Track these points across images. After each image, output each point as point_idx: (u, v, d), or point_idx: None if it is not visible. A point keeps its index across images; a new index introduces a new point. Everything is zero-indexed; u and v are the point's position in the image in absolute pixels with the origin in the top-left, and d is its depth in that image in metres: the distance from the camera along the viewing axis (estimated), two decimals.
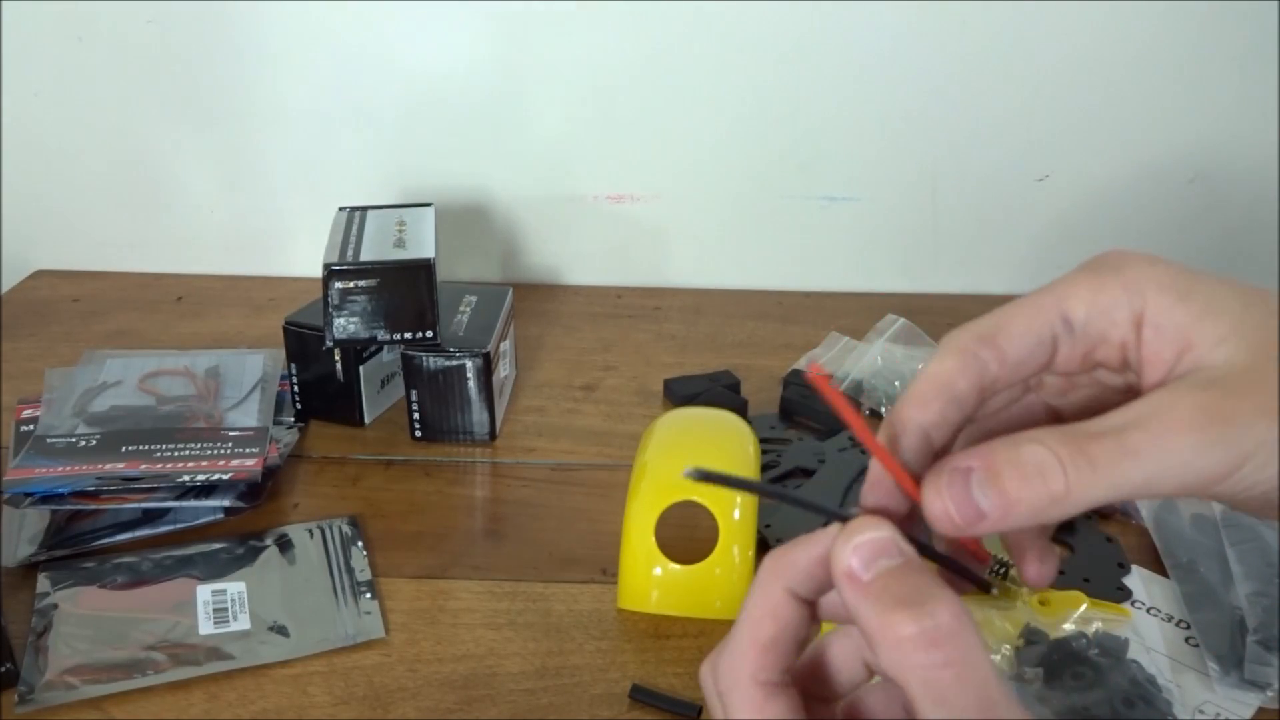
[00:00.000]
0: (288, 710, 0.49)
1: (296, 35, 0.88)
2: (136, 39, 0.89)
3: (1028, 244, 0.95)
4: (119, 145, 0.93)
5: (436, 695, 0.50)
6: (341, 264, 0.66)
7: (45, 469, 0.60)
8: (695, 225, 0.95)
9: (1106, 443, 0.25)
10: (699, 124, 0.91)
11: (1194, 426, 0.25)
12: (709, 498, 0.53)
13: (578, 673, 0.51)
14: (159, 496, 0.60)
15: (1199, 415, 0.25)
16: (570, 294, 0.95)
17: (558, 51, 0.89)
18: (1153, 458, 0.25)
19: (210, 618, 0.54)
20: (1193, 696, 0.49)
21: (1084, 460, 0.25)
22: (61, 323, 0.88)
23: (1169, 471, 0.25)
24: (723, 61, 0.89)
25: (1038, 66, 0.88)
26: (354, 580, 0.57)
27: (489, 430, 0.70)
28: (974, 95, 0.89)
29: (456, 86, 0.90)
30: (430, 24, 0.88)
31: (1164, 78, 0.88)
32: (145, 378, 0.72)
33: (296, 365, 0.71)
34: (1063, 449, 0.25)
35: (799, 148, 0.92)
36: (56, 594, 0.54)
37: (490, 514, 0.65)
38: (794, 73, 0.89)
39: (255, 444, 0.64)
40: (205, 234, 0.97)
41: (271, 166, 0.94)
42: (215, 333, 0.86)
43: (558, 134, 0.92)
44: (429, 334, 0.67)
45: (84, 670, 0.50)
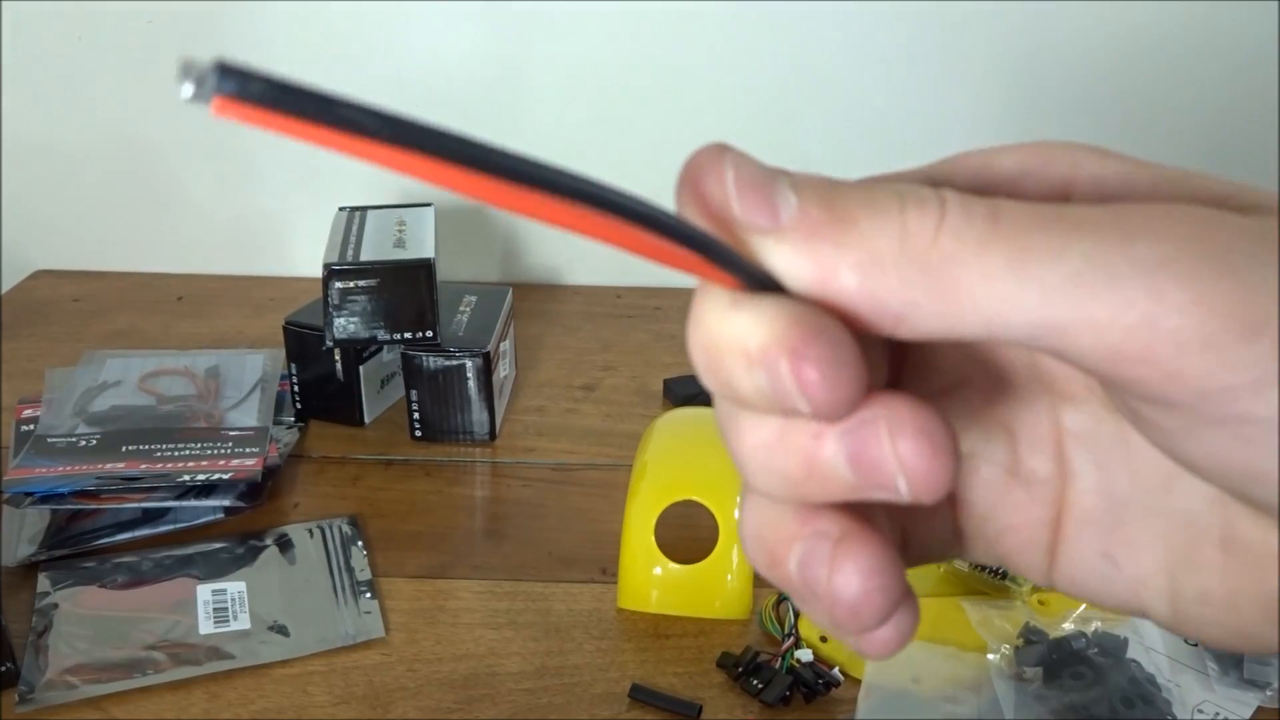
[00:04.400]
0: (288, 710, 0.49)
1: (296, 35, 0.89)
2: (136, 39, 0.89)
3: None
4: (119, 145, 0.93)
5: (436, 695, 0.50)
6: (341, 264, 0.66)
7: (45, 469, 0.60)
8: None
9: (1035, 207, 0.16)
10: (699, 124, 0.91)
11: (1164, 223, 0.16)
12: (709, 497, 0.53)
13: (578, 672, 0.51)
14: (159, 496, 0.60)
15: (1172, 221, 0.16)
16: (570, 294, 0.95)
17: (558, 51, 0.89)
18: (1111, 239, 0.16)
19: (210, 617, 0.54)
20: (1192, 696, 0.49)
21: (983, 208, 0.16)
22: (62, 323, 0.88)
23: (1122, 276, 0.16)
24: (722, 61, 0.89)
25: (1038, 66, 0.88)
26: (354, 580, 0.57)
27: (489, 430, 0.70)
28: (974, 95, 0.89)
29: (456, 86, 0.90)
30: (430, 23, 0.88)
31: (1164, 78, 0.88)
32: (145, 378, 0.72)
33: (296, 365, 0.71)
34: (949, 189, 0.17)
35: (799, 148, 0.92)
36: (57, 593, 0.54)
37: (490, 514, 0.65)
38: (794, 73, 0.89)
39: (255, 444, 0.64)
40: (205, 234, 0.97)
41: (271, 166, 0.94)
42: (215, 333, 0.86)
43: (558, 133, 0.92)
44: (429, 334, 0.67)
45: (84, 670, 0.50)
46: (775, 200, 0.17)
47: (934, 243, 0.16)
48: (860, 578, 0.18)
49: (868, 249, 0.16)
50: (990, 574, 0.53)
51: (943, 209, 0.16)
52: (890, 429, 0.17)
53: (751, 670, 0.50)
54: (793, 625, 0.51)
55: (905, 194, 0.17)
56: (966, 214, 0.16)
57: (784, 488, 0.18)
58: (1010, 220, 0.16)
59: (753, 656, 0.51)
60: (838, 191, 0.17)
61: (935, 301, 0.16)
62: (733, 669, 0.50)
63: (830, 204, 0.17)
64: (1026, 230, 0.16)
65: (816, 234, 0.16)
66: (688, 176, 0.17)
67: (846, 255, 0.16)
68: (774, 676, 0.49)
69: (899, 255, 0.16)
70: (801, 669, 0.50)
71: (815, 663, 0.50)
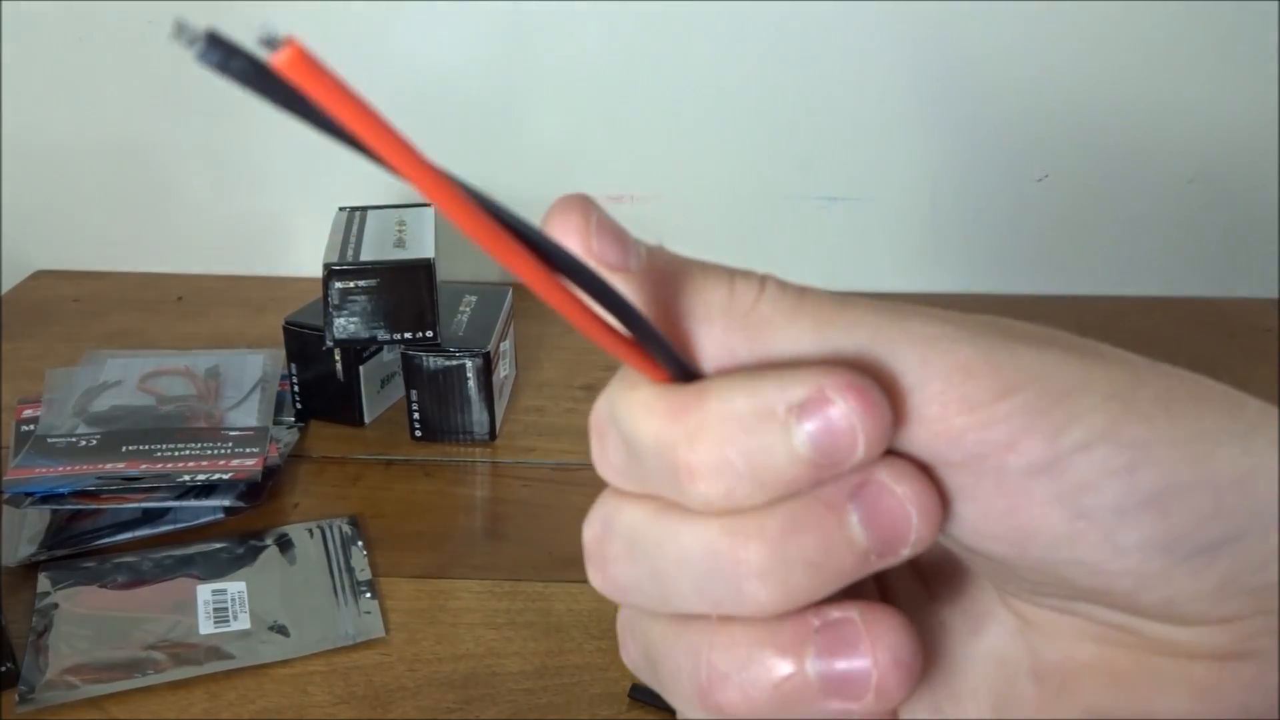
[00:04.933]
0: (288, 710, 0.49)
1: (297, 35, 0.88)
2: (137, 39, 0.89)
3: (1028, 244, 0.95)
4: (119, 145, 0.93)
5: (436, 695, 0.50)
6: (341, 264, 0.66)
7: (46, 469, 0.60)
8: (695, 225, 0.95)
9: (833, 294, 0.20)
10: (699, 124, 0.91)
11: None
12: None
13: (577, 672, 0.51)
14: (159, 496, 0.60)
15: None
16: None
17: (558, 51, 0.89)
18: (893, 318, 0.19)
19: (210, 617, 0.54)
20: None
21: (794, 287, 0.20)
22: (62, 323, 0.88)
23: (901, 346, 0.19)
24: (723, 61, 0.89)
25: (1038, 66, 0.88)
26: (354, 580, 0.57)
27: (489, 430, 0.70)
28: (974, 95, 0.89)
29: (457, 86, 0.90)
30: (431, 24, 0.88)
31: (1164, 77, 0.88)
32: (145, 378, 0.72)
33: (296, 365, 0.71)
34: (756, 273, 0.20)
35: (799, 147, 0.92)
36: (57, 593, 0.55)
37: (490, 514, 0.65)
38: (794, 73, 0.89)
39: (255, 444, 0.64)
40: (205, 234, 0.97)
41: (271, 166, 0.94)
42: (215, 333, 0.86)
43: (558, 134, 0.92)
44: (429, 334, 0.67)
45: (84, 670, 0.50)
46: (627, 246, 0.19)
47: (754, 307, 0.19)
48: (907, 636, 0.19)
49: (700, 302, 0.19)
50: None
51: (763, 282, 0.20)
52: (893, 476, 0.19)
53: None
54: None
55: (735, 269, 0.20)
56: (782, 289, 0.19)
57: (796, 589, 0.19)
58: (815, 298, 0.19)
59: None
60: (680, 259, 0.20)
61: (749, 354, 0.19)
62: None
63: (673, 265, 0.20)
64: (827, 307, 0.19)
65: (660, 284, 0.19)
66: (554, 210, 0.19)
67: (681, 304, 0.19)
68: None
69: (725, 312, 0.19)
70: None
71: None
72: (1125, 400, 0.18)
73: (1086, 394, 0.18)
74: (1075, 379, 0.18)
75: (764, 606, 0.19)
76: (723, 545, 0.19)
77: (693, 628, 0.20)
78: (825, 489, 0.18)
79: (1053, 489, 0.18)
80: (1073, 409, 0.18)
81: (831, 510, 0.18)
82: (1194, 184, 0.92)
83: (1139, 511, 0.18)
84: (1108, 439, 0.18)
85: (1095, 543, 0.18)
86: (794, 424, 0.18)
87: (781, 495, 0.18)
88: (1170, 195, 0.92)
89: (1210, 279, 0.95)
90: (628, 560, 0.21)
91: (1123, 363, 0.19)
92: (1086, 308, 0.93)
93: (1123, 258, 0.95)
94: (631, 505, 0.21)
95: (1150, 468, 0.18)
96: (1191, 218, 0.93)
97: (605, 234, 0.19)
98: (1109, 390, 0.18)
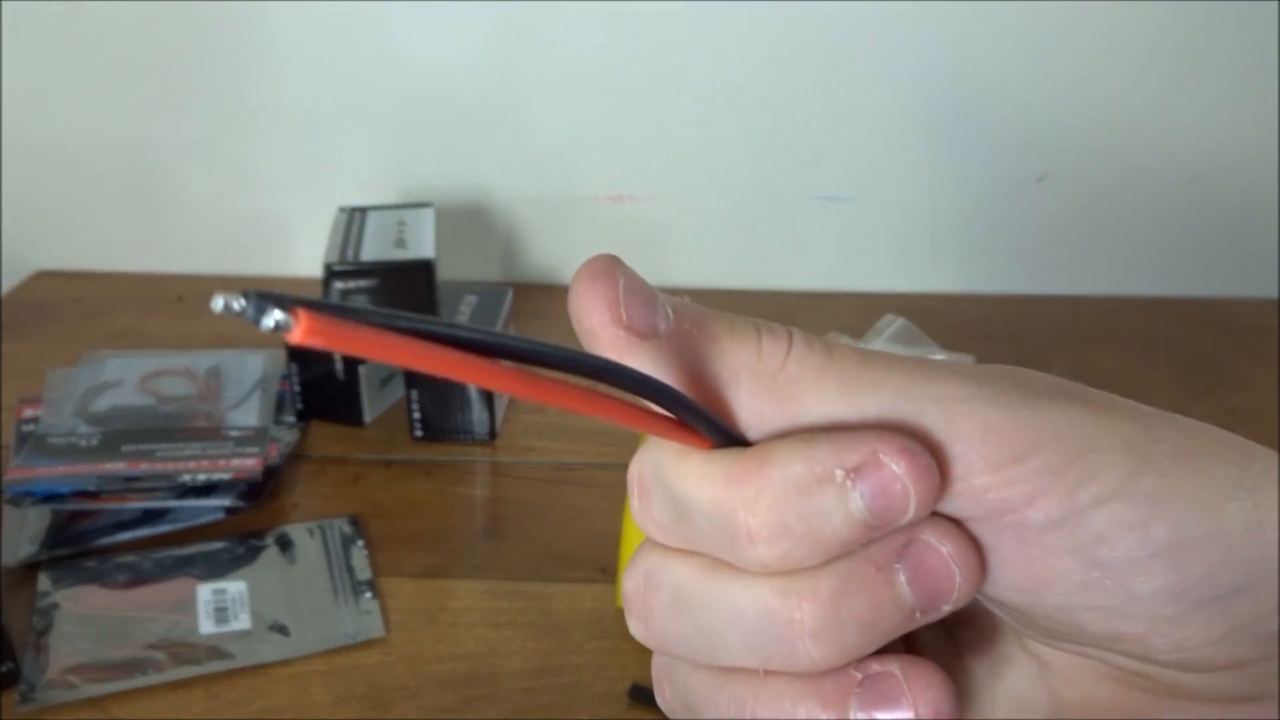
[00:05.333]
0: (288, 710, 0.49)
1: (297, 35, 0.89)
2: (137, 39, 0.89)
3: (1027, 244, 0.95)
4: (119, 145, 0.93)
5: (436, 694, 0.50)
6: (342, 264, 0.66)
7: (46, 468, 0.60)
8: (695, 225, 0.95)
9: (860, 350, 0.20)
10: (699, 124, 0.91)
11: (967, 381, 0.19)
12: None
13: (577, 672, 0.51)
14: (160, 496, 0.60)
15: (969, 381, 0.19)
16: None
17: (558, 51, 0.89)
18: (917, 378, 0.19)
19: (211, 617, 0.54)
20: None
21: (821, 345, 0.20)
22: (62, 323, 0.88)
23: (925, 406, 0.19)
24: (722, 61, 0.89)
25: (1037, 66, 0.88)
26: (354, 580, 0.57)
27: (489, 430, 0.70)
28: (973, 95, 0.89)
29: (457, 86, 0.90)
30: (431, 23, 0.88)
31: (1163, 77, 0.88)
32: (146, 378, 0.72)
33: (297, 365, 0.71)
34: (796, 328, 0.20)
35: (799, 147, 0.92)
36: (57, 593, 0.55)
37: (490, 514, 0.65)
38: (794, 72, 0.89)
39: (255, 444, 0.64)
40: (205, 234, 0.97)
41: (271, 166, 0.94)
42: (215, 333, 0.86)
43: (557, 134, 0.92)
44: None
45: (85, 669, 0.50)
46: (656, 312, 0.19)
47: (782, 367, 0.19)
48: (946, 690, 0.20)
49: (728, 365, 0.19)
50: None
51: (790, 340, 0.20)
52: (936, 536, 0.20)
53: None
54: None
55: (761, 324, 0.20)
56: (809, 347, 0.20)
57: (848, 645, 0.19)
58: (842, 356, 0.20)
59: None
60: (707, 315, 0.20)
61: (778, 414, 0.19)
62: None
63: (701, 323, 0.20)
64: (853, 366, 0.19)
65: (688, 346, 0.19)
66: (583, 277, 0.20)
67: (708, 367, 0.19)
68: None
69: (753, 373, 0.19)
70: None
71: None
72: (1139, 455, 0.19)
73: (1102, 451, 0.19)
74: (1091, 436, 0.19)
75: (816, 664, 0.19)
76: (776, 605, 0.19)
77: (736, 679, 0.20)
78: (873, 549, 0.19)
79: (1069, 542, 0.19)
80: (1089, 467, 0.19)
81: (881, 570, 0.19)
82: (1194, 184, 0.92)
83: (1152, 562, 0.19)
84: (1122, 495, 0.19)
85: (1110, 590, 0.19)
86: (850, 488, 0.18)
87: (834, 556, 0.19)
88: (1170, 195, 0.92)
89: (1210, 279, 0.95)
90: (674, 615, 0.21)
91: (1136, 416, 0.20)
92: (1086, 308, 0.93)
93: (1122, 258, 0.95)
94: (677, 561, 0.21)
95: (1163, 522, 0.19)
96: (1191, 218, 0.93)
97: (634, 299, 0.19)
98: (1123, 446, 0.19)
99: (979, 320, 0.90)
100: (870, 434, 0.19)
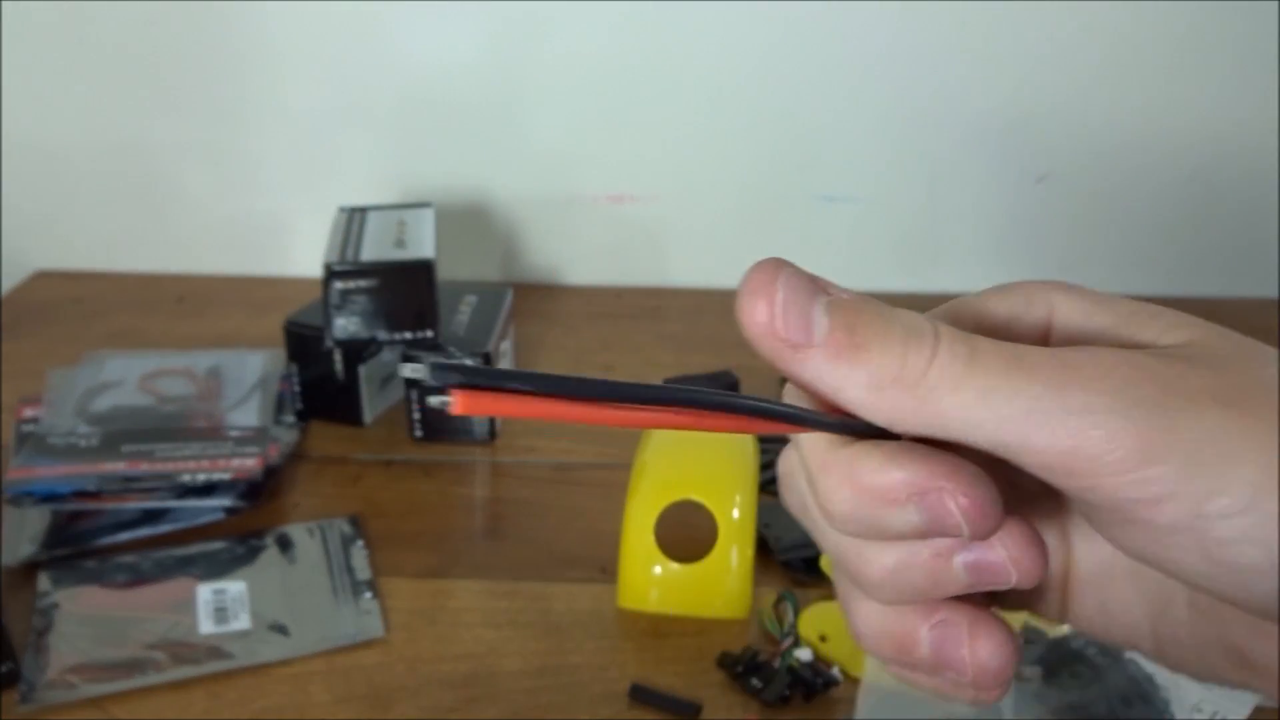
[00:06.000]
0: (288, 709, 0.49)
1: (297, 35, 0.89)
2: (137, 39, 0.89)
3: (1027, 244, 0.95)
4: (119, 145, 0.93)
5: (436, 694, 0.50)
6: (342, 264, 0.66)
7: (46, 468, 0.60)
8: (695, 225, 0.96)
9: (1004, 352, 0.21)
10: (699, 124, 0.91)
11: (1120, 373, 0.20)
12: (709, 497, 0.53)
13: (577, 672, 0.51)
14: (160, 496, 0.60)
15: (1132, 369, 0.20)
16: (570, 294, 0.95)
17: (558, 51, 0.89)
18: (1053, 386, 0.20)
19: (211, 617, 0.54)
20: (1189, 695, 0.49)
21: (965, 349, 0.21)
22: (62, 323, 0.88)
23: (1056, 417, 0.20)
24: (722, 62, 0.89)
25: (1037, 66, 0.88)
26: (354, 580, 0.57)
27: (489, 430, 0.70)
28: (973, 94, 0.89)
29: (457, 86, 0.90)
30: (431, 23, 0.88)
31: (1163, 77, 0.88)
32: (146, 378, 0.72)
33: (297, 365, 0.71)
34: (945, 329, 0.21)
35: (798, 147, 0.92)
36: (57, 593, 0.55)
37: (490, 514, 0.65)
38: (793, 72, 0.89)
39: (255, 444, 0.64)
40: (205, 234, 0.97)
41: (272, 166, 0.94)
42: (215, 333, 0.86)
43: (557, 134, 0.92)
44: (429, 334, 0.67)
45: (85, 669, 0.50)
46: (811, 323, 0.21)
47: (924, 375, 0.21)
48: (999, 648, 0.23)
49: (873, 373, 0.21)
50: None
51: (935, 348, 0.21)
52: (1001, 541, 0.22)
53: (751, 669, 0.50)
54: (792, 624, 0.52)
55: (909, 331, 0.21)
56: (952, 355, 0.21)
57: (907, 596, 0.23)
58: (982, 363, 0.21)
59: (752, 656, 0.51)
60: (860, 319, 0.21)
61: (918, 419, 0.21)
62: (732, 668, 0.51)
63: (852, 331, 0.21)
64: (993, 373, 0.21)
65: (838, 356, 0.21)
66: (746, 288, 0.22)
67: (856, 375, 0.21)
68: (773, 676, 0.49)
69: (895, 381, 0.21)
70: (801, 668, 0.50)
71: (814, 662, 0.50)
72: (1271, 471, 0.19)
73: (1236, 464, 0.19)
74: (1226, 449, 0.19)
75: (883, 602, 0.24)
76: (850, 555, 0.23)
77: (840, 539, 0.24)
78: (937, 541, 0.22)
79: (1193, 541, 0.20)
80: (1221, 479, 0.19)
81: (940, 557, 0.22)
82: (1194, 183, 0.92)
83: (1273, 570, 0.19)
84: (1252, 510, 0.19)
85: (1225, 580, 0.20)
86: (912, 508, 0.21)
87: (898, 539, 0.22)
88: (1170, 195, 0.92)
89: (1210, 279, 0.95)
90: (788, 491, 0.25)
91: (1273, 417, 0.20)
92: None
93: (1123, 257, 0.95)
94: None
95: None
96: (1192, 218, 0.93)
97: (791, 311, 0.21)
98: (1258, 459, 0.19)
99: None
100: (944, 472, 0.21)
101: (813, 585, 0.56)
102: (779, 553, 0.58)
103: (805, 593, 0.55)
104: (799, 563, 0.57)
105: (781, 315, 0.21)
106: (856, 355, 0.21)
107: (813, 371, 0.21)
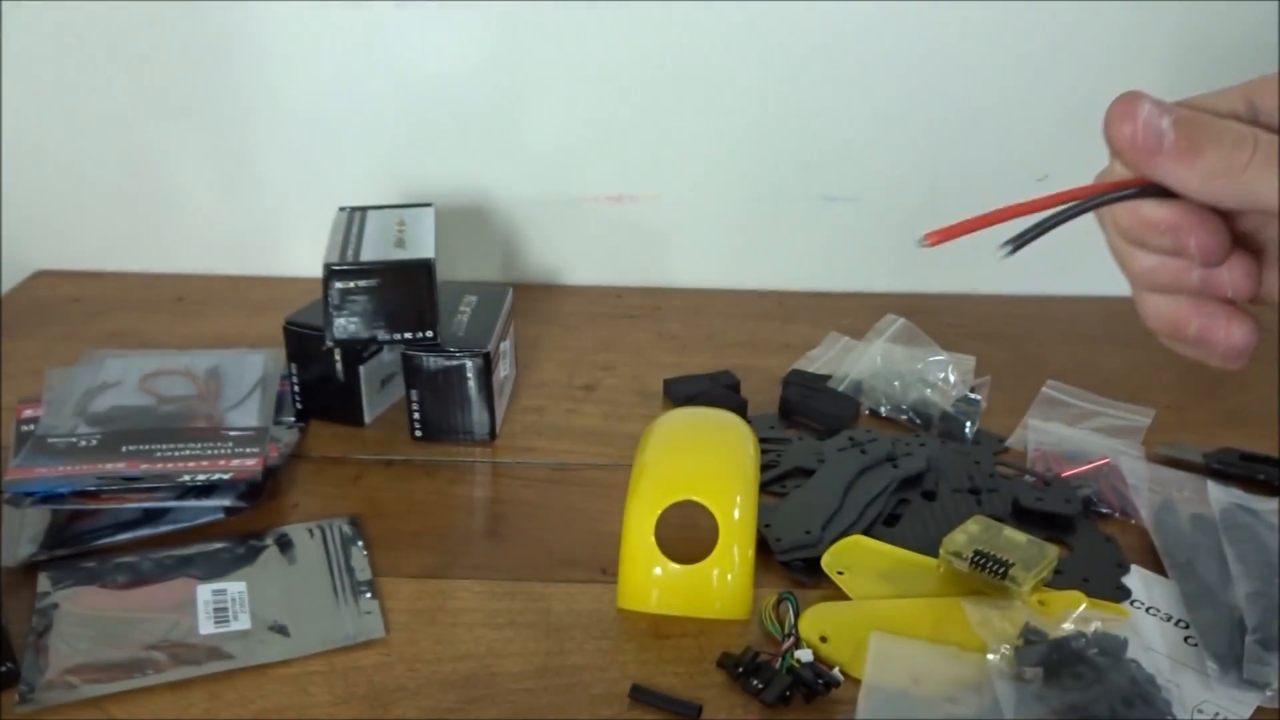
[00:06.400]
0: (288, 710, 0.49)
1: (297, 36, 0.89)
2: (137, 40, 0.89)
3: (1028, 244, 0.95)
4: (119, 145, 0.93)
5: (436, 695, 0.50)
6: (342, 264, 0.66)
7: (46, 469, 0.60)
8: (695, 225, 0.95)
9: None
10: (699, 124, 0.91)
11: None
12: (709, 498, 0.53)
13: (577, 672, 0.51)
14: (159, 496, 0.60)
15: None
16: (570, 294, 0.95)
17: (558, 52, 0.89)
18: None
19: (210, 617, 0.54)
20: (1191, 696, 0.49)
21: (1264, 158, 0.30)
22: (62, 323, 0.88)
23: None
24: (722, 61, 0.89)
25: (1038, 66, 0.88)
26: (354, 580, 0.57)
27: (489, 430, 0.70)
28: (974, 94, 0.89)
29: (457, 87, 0.90)
30: (431, 24, 0.88)
31: (1163, 77, 0.88)
32: (146, 378, 0.72)
33: (297, 365, 0.71)
34: (1264, 135, 0.31)
35: (799, 147, 0.92)
36: (57, 593, 0.55)
37: (490, 514, 0.65)
38: (794, 72, 0.89)
39: (255, 444, 0.64)
40: (205, 234, 0.97)
41: (271, 166, 0.94)
42: (215, 333, 0.86)
43: (557, 134, 0.92)
44: (429, 334, 0.67)
45: (84, 670, 0.50)
46: (1161, 136, 0.32)
47: (1244, 170, 0.31)
48: (1248, 334, 0.35)
49: (1208, 169, 0.31)
50: (990, 574, 0.53)
51: (1254, 150, 0.31)
52: (1229, 266, 0.34)
53: (751, 670, 0.50)
54: (793, 625, 0.51)
55: (1234, 137, 0.31)
56: (1265, 155, 0.31)
57: (1155, 287, 0.35)
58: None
59: (753, 656, 0.51)
60: (1198, 130, 0.32)
61: (1236, 199, 0.32)
62: (733, 669, 0.50)
63: (1191, 138, 0.32)
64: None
65: (1181, 160, 0.32)
66: (1114, 117, 0.33)
67: (1196, 171, 0.32)
68: (774, 676, 0.49)
69: (1224, 174, 0.31)
70: (801, 669, 0.50)
71: (815, 663, 0.50)
72: None
73: None
74: None
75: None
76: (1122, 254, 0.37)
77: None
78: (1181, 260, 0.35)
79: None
80: None
81: (1184, 268, 0.35)
82: None
83: None
84: None
85: None
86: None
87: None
88: None
89: None
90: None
91: None
92: (1086, 308, 0.93)
93: None
94: None
95: None
96: None
97: (1149, 128, 0.32)
98: None
99: (979, 320, 0.90)
100: (1192, 221, 0.33)
101: (813, 586, 0.56)
102: (779, 553, 0.58)
103: (806, 593, 0.55)
104: (799, 563, 0.57)
105: (1141, 131, 0.32)
106: (1194, 156, 0.31)
107: (1162, 170, 0.32)
